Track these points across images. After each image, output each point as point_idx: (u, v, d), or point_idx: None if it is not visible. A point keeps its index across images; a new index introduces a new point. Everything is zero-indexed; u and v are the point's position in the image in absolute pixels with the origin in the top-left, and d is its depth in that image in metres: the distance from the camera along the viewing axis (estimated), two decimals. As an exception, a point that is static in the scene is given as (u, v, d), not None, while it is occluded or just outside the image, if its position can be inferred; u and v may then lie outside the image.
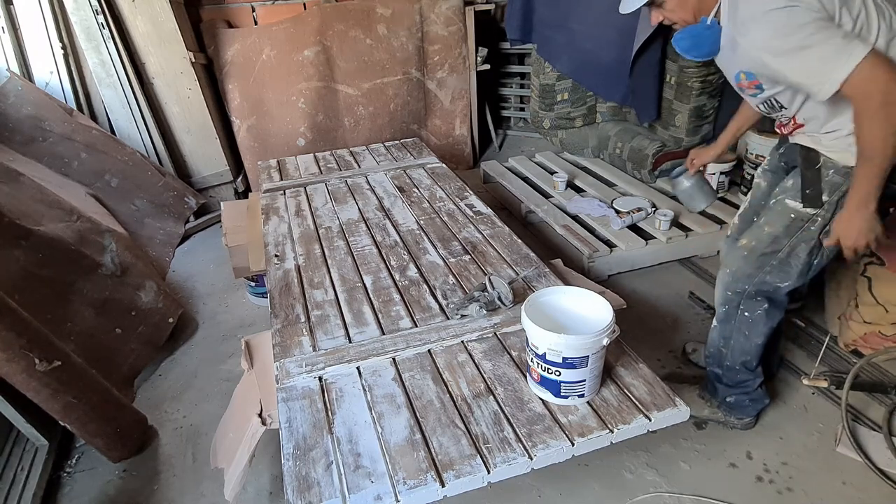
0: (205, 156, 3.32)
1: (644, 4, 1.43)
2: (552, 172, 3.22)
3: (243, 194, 3.48)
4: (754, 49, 1.28)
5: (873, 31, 1.26)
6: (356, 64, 3.48)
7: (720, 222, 2.62)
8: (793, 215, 1.47)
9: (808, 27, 1.19)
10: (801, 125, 1.46)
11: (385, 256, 1.93)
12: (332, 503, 1.09)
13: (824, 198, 1.41)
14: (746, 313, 1.61)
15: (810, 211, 1.44)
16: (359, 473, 1.15)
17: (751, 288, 1.57)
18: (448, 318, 1.59)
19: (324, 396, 1.35)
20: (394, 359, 1.45)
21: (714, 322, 1.70)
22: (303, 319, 1.62)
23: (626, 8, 1.47)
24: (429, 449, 1.19)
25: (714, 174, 2.82)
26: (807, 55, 1.20)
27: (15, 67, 2.79)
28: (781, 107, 1.44)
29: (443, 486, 1.11)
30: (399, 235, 2.06)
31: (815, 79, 1.22)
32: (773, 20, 1.22)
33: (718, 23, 1.40)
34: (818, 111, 1.37)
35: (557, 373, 1.24)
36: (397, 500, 1.09)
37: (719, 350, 1.69)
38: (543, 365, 1.25)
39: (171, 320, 2.28)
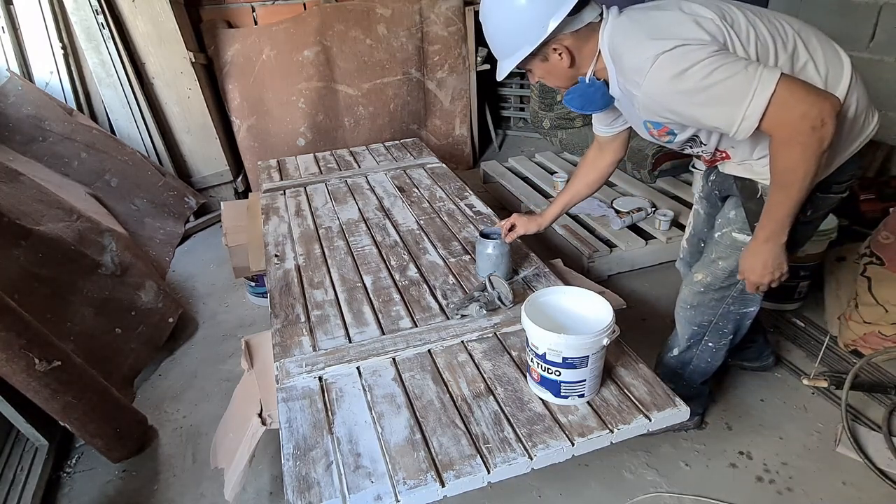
0: (205, 156, 3.32)
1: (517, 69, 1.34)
2: (552, 172, 3.22)
3: (243, 194, 3.48)
4: (652, 99, 1.16)
5: (770, 54, 1.17)
6: (356, 64, 3.48)
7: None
8: (742, 248, 1.38)
9: (706, 65, 1.06)
10: (727, 155, 1.36)
11: (385, 256, 1.93)
12: (332, 503, 1.09)
13: None
14: (710, 344, 1.60)
15: (749, 236, 1.38)
16: (359, 473, 1.15)
17: (716, 319, 1.54)
18: (448, 318, 1.59)
19: (324, 396, 1.35)
20: (394, 359, 1.45)
21: (674, 351, 1.65)
22: (303, 319, 1.62)
23: (500, 76, 1.36)
24: (429, 449, 1.19)
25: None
26: (713, 95, 1.08)
27: (15, 67, 2.79)
28: (702, 143, 1.34)
29: (443, 486, 1.11)
30: (399, 235, 2.06)
31: (728, 119, 1.10)
32: (666, 65, 1.09)
33: (599, 79, 1.31)
34: (742, 140, 1.24)
35: (557, 373, 1.24)
36: (397, 500, 1.09)
37: (675, 372, 1.68)
38: (543, 365, 1.25)
39: (171, 320, 2.28)
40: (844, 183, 1.34)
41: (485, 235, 1.75)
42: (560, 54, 1.27)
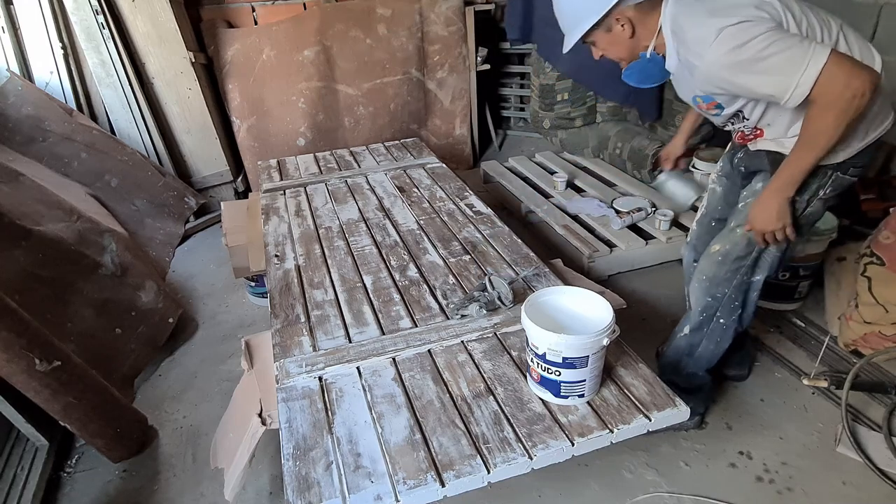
0: (205, 156, 3.32)
1: (582, 42, 1.45)
2: (552, 172, 3.21)
3: (243, 194, 3.48)
4: (713, 70, 1.27)
5: (817, 33, 1.29)
6: (356, 64, 3.48)
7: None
8: (753, 200, 1.49)
9: (766, 38, 1.19)
10: (761, 133, 1.47)
11: (385, 256, 1.93)
12: (332, 503, 1.09)
13: (796, 197, 1.41)
14: (722, 320, 1.62)
15: None
16: (359, 473, 1.15)
17: (730, 291, 1.58)
18: (448, 318, 1.59)
19: (324, 396, 1.35)
20: (394, 359, 1.45)
21: (685, 330, 1.68)
22: (303, 319, 1.62)
23: (566, 48, 1.48)
24: (429, 449, 1.19)
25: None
26: (770, 66, 1.20)
27: (15, 67, 2.79)
28: (744, 118, 1.44)
29: (443, 486, 1.11)
30: (399, 235, 2.06)
31: (783, 87, 1.22)
32: (729, 38, 1.21)
33: (659, 54, 1.42)
34: (782, 116, 1.38)
35: (557, 373, 1.24)
36: (397, 500, 1.09)
37: (681, 359, 1.69)
38: (543, 365, 1.25)
39: (171, 320, 2.28)
40: (859, 167, 1.42)
41: (654, 180, 2.00)
42: (622, 25, 1.38)
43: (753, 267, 1.56)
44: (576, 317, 1.34)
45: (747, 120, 1.44)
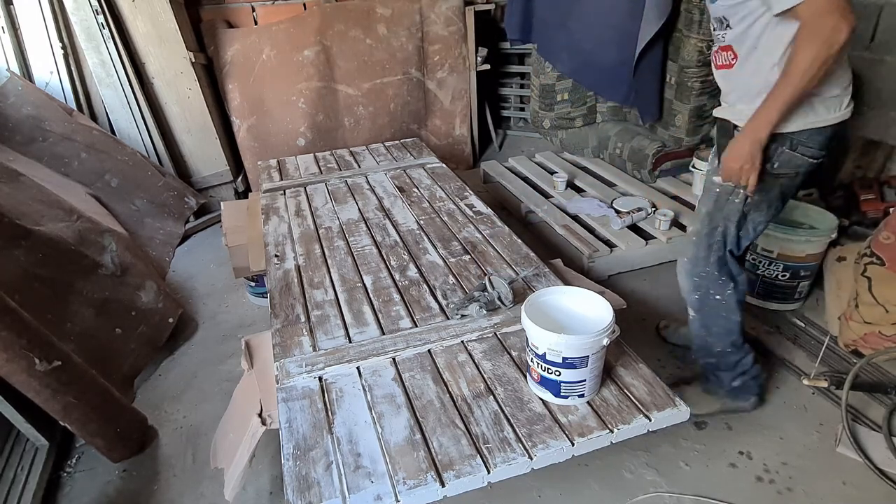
0: (205, 156, 3.32)
1: None
2: (552, 172, 3.21)
3: (243, 194, 3.48)
4: None
5: None
6: (356, 64, 3.48)
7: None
8: (717, 189, 1.52)
9: None
10: (735, 59, 1.45)
11: (385, 256, 1.93)
12: (332, 503, 1.09)
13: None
14: (718, 296, 1.64)
15: (731, 183, 1.47)
16: (359, 473, 1.15)
17: (711, 268, 1.60)
18: (448, 318, 1.59)
19: (324, 396, 1.35)
20: (394, 359, 1.45)
21: (691, 313, 1.71)
22: (303, 319, 1.62)
23: None
24: (429, 449, 1.19)
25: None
26: None
27: (15, 67, 2.79)
28: (727, 26, 1.43)
29: (443, 486, 1.11)
30: (399, 235, 2.06)
31: None
32: None
33: None
34: (756, 52, 1.38)
35: (557, 373, 1.24)
36: (397, 500, 1.09)
37: (705, 340, 1.71)
38: (543, 365, 1.25)
39: (171, 320, 2.28)
40: (809, 149, 1.43)
41: None
42: None
43: (723, 242, 1.58)
44: (576, 317, 1.34)
45: (730, 29, 1.43)
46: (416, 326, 1.57)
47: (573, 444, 1.19)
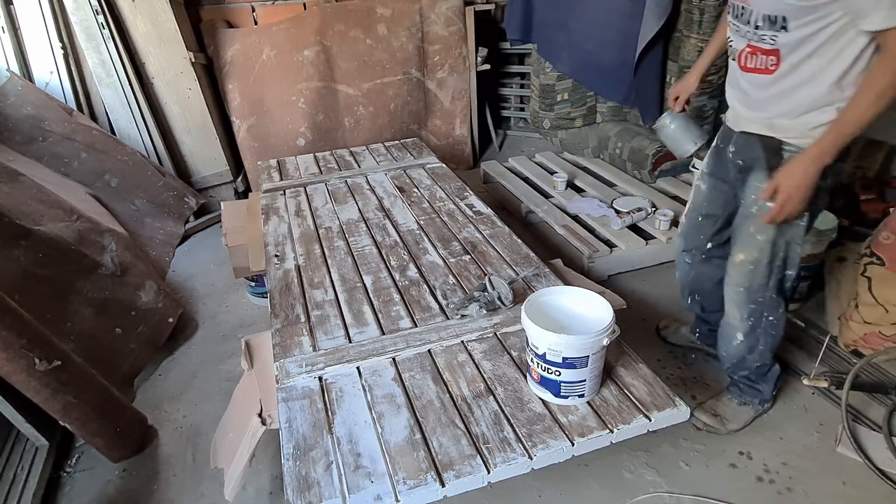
0: (205, 156, 3.32)
1: None
2: (552, 172, 3.21)
3: (243, 194, 3.48)
4: None
5: None
6: (356, 64, 3.48)
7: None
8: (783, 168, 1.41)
9: None
10: (777, 64, 1.33)
11: (385, 256, 1.93)
12: (332, 503, 1.09)
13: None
14: (771, 318, 1.61)
15: None
16: (359, 473, 1.15)
17: (769, 293, 1.57)
18: (448, 318, 1.59)
19: (324, 396, 1.35)
20: (394, 359, 1.45)
21: (738, 338, 1.65)
22: (303, 319, 1.62)
23: None
24: (429, 449, 1.19)
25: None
26: None
27: (15, 67, 2.79)
28: (782, 27, 1.28)
29: (443, 486, 1.11)
30: (399, 235, 2.06)
31: (885, 4, 1.12)
32: None
33: None
34: (809, 51, 1.27)
35: (557, 373, 1.23)
36: (397, 500, 1.09)
37: (745, 358, 1.67)
38: (543, 365, 1.25)
39: (171, 320, 2.28)
40: (846, 154, 1.37)
41: (656, 123, 1.87)
42: None
43: (784, 265, 1.54)
44: (576, 317, 1.34)
45: (784, 32, 1.28)
46: (416, 326, 1.57)
47: (573, 444, 1.19)
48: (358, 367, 1.43)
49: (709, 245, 1.79)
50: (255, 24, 3.44)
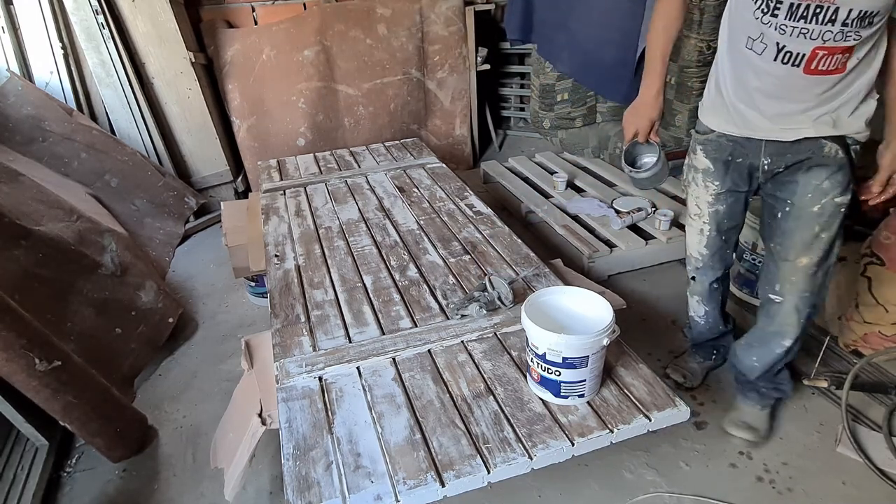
0: (205, 156, 3.32)
1: None
2: (552, 172, 3.21)
3: (243, 194, 3.48)
4: None
5: None
6: (356, 64, 3.48)
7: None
8: (842, 209, 1.44)
9: None
10: (839, 69, 1.27)
11: (385, 256, 1.93)
12: (332, 503, 1.09)
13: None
14: (813, 316, 1.60)
15: (849, 195, 1.45)
16: (359, 473, 1.15)
17: (826, 290, 1.56)
18: (448, 318, 1.59)
19: (324, 396, 1.35)
20: (394, 359, 1.45)
21: (786, 344, 1.60)
22: (303, 319, 1.62)
23: None
24: (429, 449, 1.19)
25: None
26: None
27: (15, 67, 2.79)
28: (870, 22, 1.21)
29: (443, 486, 1.11)
30: (399, 235, 2.06)
31: None
32: None
33: None
34: (874, 41, 1.26)
35: (557, 373, 1.23)
36: (397, 500, 1.09)
37: (779, 362, 1.66)
38: (543, 365, 1.25)
39: (171, 320, 2.28)
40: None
41: (630, 155, 1.77)
42: None
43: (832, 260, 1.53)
44: (576, 317, 1.34)
45: (870, 27, 1.21)
46: (416, 326, 1.57)
47: (573, 444, 1.19)
48: (358, 367, 1.43)
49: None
50: (255, 24, 3.44)
